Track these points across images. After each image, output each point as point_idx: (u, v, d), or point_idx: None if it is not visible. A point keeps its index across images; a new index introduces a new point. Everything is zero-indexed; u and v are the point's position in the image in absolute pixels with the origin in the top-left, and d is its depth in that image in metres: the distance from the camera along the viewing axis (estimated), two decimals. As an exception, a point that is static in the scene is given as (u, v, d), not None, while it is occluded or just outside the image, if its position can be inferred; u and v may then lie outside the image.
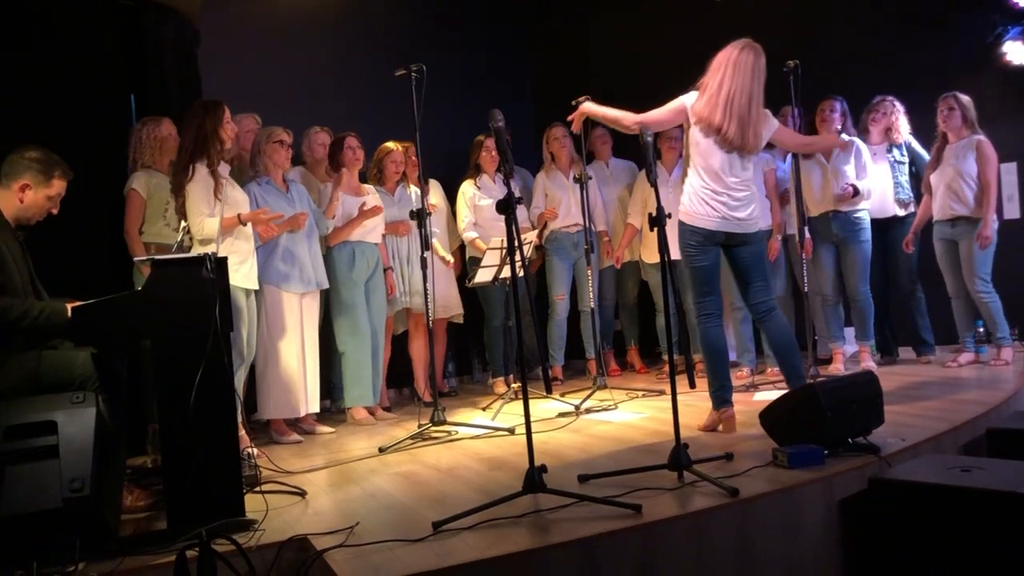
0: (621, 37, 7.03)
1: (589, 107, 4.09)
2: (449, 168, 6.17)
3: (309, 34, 6.35)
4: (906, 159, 5.61)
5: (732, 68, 3.81)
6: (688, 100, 3.90)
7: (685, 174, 3.99)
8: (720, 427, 3.93)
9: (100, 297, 2.99)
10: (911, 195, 5.57)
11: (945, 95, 5.22)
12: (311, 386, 4.75)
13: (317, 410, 4.87)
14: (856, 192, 5.29)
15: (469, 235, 5.83)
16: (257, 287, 4.41)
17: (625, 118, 3.96)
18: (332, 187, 5.01)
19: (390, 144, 5.51)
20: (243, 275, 4.24)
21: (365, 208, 5.04)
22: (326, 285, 4.90)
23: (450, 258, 5.76)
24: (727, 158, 3.87)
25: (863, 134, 5.63)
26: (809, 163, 5.46)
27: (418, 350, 5.75)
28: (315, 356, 4.80)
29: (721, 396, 3.93)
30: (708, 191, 3.86)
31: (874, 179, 5.45)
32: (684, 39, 6.58)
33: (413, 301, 5.51)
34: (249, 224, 4.30)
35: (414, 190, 5.61)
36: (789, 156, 5.47)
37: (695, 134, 3.88)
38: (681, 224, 3.94)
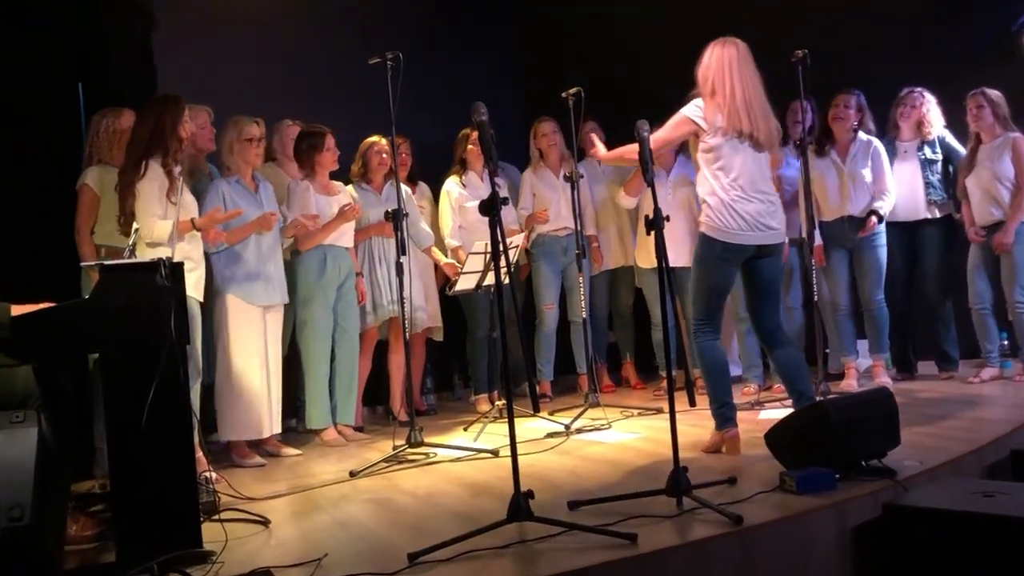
0: (616, 23, 7.06)
1: (601, 154, 4.28)
2: (432, 165, 6.17)
3: (278, 19, 6.31)
4: (939, 156, 5.55)
5: (736, 68, 3.85)
6: (692, 113, 3.91)
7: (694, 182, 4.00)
8: (723, 449, 3.94)
9: (46, 305, 2.96)
10: (944, 196, 5.52)
11: (973, 92, 5.24)
12: (275, 404, 4.73)
13: (279, 431, 4.85)
14: (880, 220, 5.31)
15: (452, 242, 5.83)
16: (201, 299, 4.39)
17: (632, 151, 3.94)
18: (300, 222, 4.88)
19: (374, 137, 5.52)
20: (191, 284, 4.20)
21: (345, 208, 5.01)
22: (287, 300, 4.89)
23: (444, 259, 5.58)
24: (755, 160, 3.90)
25: (893, 130, 5.64)
26: (824, 163, 5.48)
27: (399, 364, 5.71)
28: (279, 372, 4.80)
29: (723, 415, 3.94)
30: (737, 197, 3.85)
31: (893, 181, 5.44)
32: (681, 25, 6.62)
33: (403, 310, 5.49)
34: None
35: (405, 189, 5.60)
36: (799, 156, 5.47)
37: (713, 142, 3.88)
38: (706, 239, 3.92)
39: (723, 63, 3.87)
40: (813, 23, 5.91)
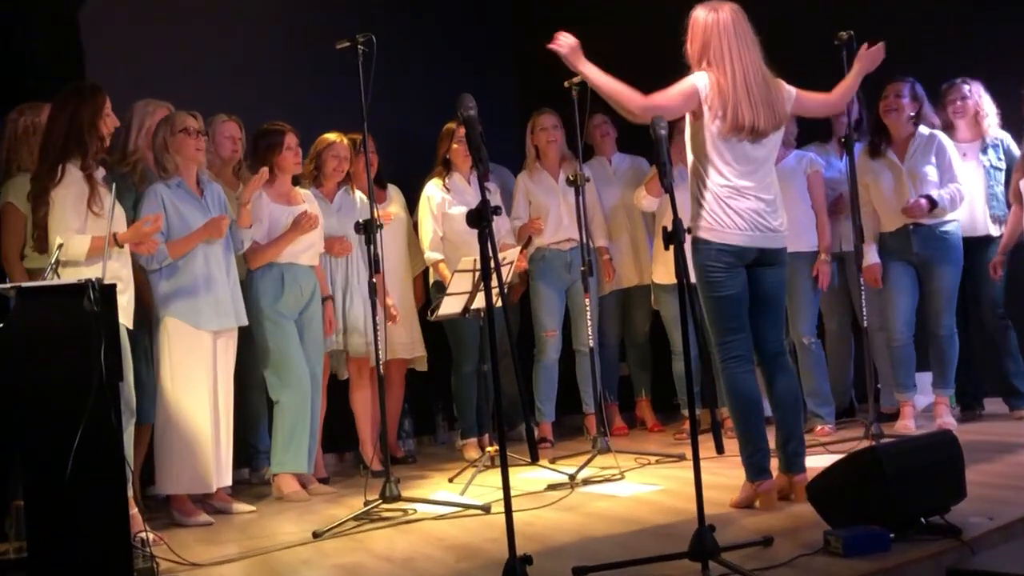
0: (618, 13, 7.08)
1: (584, 66, 4.00)
2: (409, 166, 6.19)
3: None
4: (1003, 163, 5.60)
5: (735, 44, 3.88)
6: (702, 88, 3.92)
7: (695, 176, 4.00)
8: (756, 503, 3.94)
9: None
10: (1008, 211, 5.56)
11: None
12: (225, 451, 4.72)
13: (229, 483, 4.83)
14: (933, 205, 5.29)
15: (433, 256, 5.83)
16: (131, 326, 4.37)
17: (630, 99, 3.91)
18: (246, 186, 4.92)
19: (331, 135, 5.53)
20: (120, 309, 4.18)
21: (299, 218, 5.01)
22: (245, 322, 4.89)
23: (393, 312, 5.52)
24: (753, 155, 3.93)
25: (947, 130, 5.63)
26: (879, 164, 5.50)
27: (362, 403, 5.71)
28: (230, 412, 4.79)
29: (757, 464, 3.94)
30: (730, 193, 3.89)
31: (964, 182, 5.46)
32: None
33: (351, 341, 5.49)
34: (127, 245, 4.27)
35: (360, 197, 5.59)
36: (845, 154, 5.47)
37: (709, 135, 3.92)
38: (700, 243, 3.94)
39: (720, 39, 3.90)
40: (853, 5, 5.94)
